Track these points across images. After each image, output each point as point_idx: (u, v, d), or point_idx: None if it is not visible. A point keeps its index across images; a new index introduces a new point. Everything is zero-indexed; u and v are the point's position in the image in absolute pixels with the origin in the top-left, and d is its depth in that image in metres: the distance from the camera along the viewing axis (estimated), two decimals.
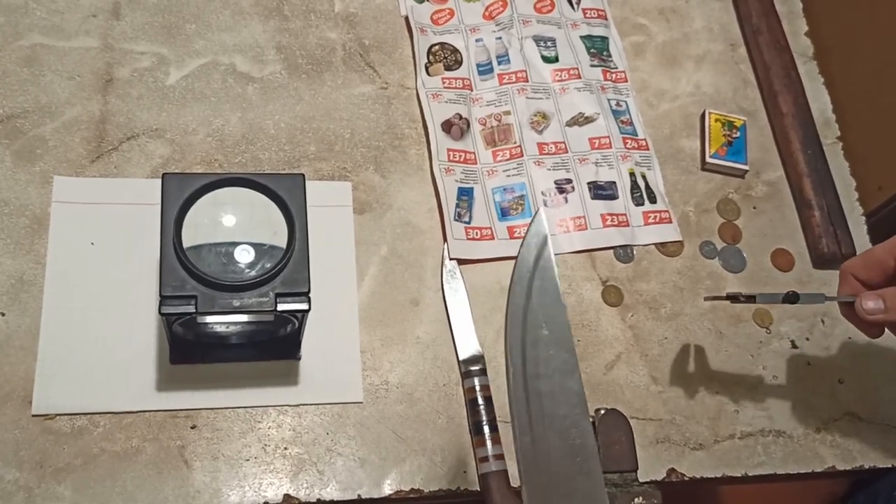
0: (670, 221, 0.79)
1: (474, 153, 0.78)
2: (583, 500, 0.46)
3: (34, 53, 0.73)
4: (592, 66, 0.84)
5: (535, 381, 0.47)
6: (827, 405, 0.74)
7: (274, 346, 0.65)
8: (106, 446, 0.61)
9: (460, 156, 0.77)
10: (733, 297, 0.67)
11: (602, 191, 0.78)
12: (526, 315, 0.48)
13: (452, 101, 0.79)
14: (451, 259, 0.72)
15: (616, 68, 0.85)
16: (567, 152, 0.79)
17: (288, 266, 0.56)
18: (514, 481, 0.65)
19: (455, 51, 0.82)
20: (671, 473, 0.68)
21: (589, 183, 0.78)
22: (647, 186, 0.80)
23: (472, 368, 0.68)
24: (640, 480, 0.62)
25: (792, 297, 0.62)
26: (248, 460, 0.63)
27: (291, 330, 0.62)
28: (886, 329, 0.63)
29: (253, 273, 0.56)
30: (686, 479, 0.68)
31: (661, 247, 0.78)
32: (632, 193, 0.79)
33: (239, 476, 0.62)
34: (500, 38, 0.84)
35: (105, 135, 0.71)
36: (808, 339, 0.77)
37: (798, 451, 0.72)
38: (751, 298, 0.64)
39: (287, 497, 0.62)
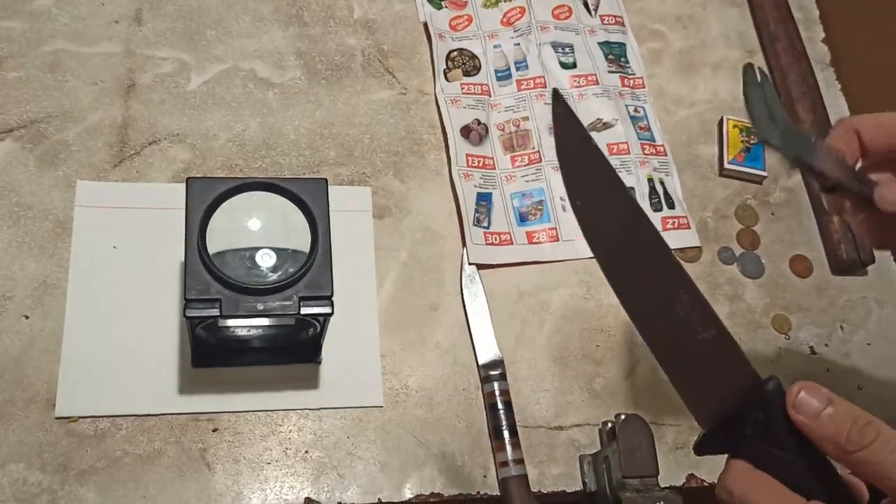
0: (688, 227, 0.79)
1: (493, 158, 0.78)
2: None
3: (57, 59, 0.74)
4: (610, 72, 0.84)
5: None
6: None
7: (295, 350, 0.65)
8: (128, 449, 0.61)
9: (479, 161, 0.77)
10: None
11: None
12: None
13: (471, 107, 0.79)
14: (470, 264, 0.72)
15: (634, 74, 0.86)
16: None
17: (311, 270, 0.56)
18: (535, 486, 0.65)
19: (473, 56, 0.83)
20: (691, 479, 0.68)
21: None
22: (665, 192, 0.80)
23: (492, 373, 0.68)
24: (661, 485, 0.62)
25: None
26: (269, 463, 0.63)
27: (313, 334, 0.62)
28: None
29: (276, 277, 0.56)
30: (706, 484, 0.68)
31: (680, 252, 0.78)
32: (650, 199, 0.79)
33: (260, 479, 0.62)
34: (518, 43, 0.84)
35: (127, 139, 0.72)
36: (826, 345, 0.77)
37: None
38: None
39: (308, 500, 0.62)
